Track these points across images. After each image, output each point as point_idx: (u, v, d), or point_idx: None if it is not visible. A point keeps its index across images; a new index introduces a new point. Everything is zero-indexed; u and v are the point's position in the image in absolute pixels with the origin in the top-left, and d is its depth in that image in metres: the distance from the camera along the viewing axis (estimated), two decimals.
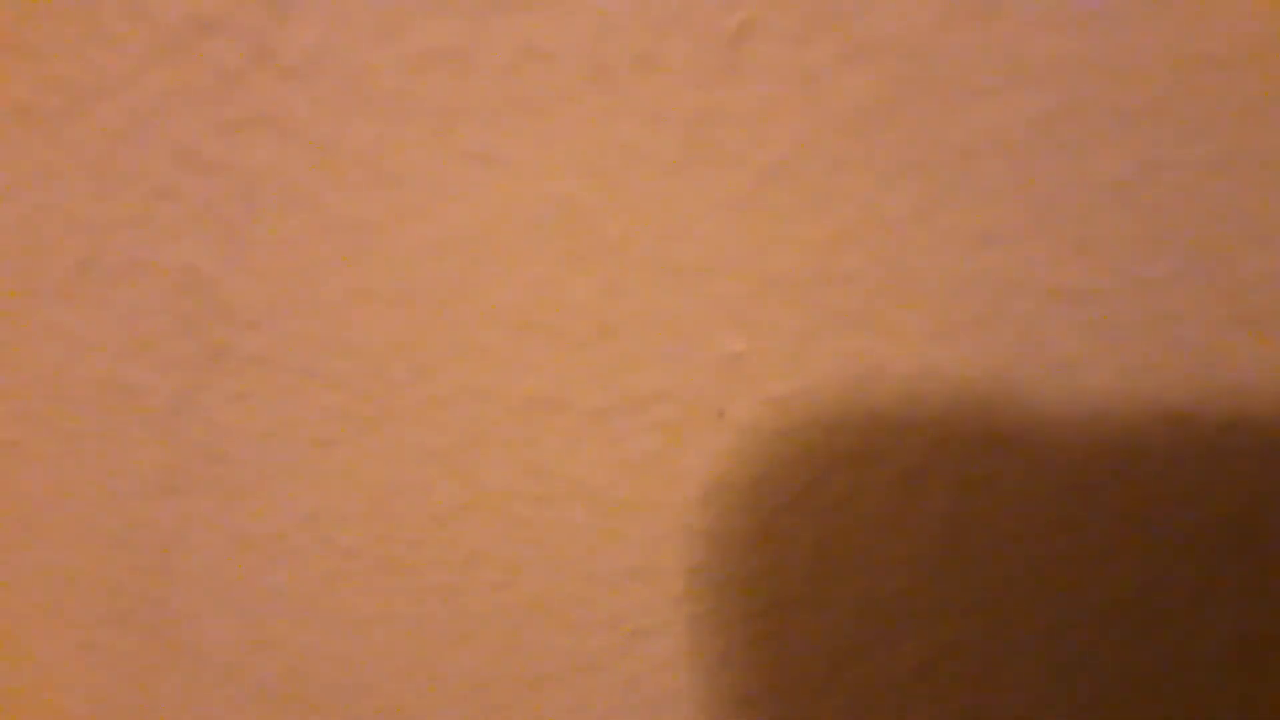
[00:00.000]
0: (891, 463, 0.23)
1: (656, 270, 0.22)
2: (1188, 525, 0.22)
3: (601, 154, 0.21)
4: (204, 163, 0.23)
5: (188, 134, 0.23)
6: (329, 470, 0.26)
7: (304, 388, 0.25)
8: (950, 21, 0.19)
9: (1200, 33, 0.18)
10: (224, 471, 0.27)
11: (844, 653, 0.25)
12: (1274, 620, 0.22)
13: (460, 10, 0.20)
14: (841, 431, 0.23)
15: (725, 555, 0.25)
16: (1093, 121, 0.19)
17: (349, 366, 0.25)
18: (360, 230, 0.23)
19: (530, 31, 0.20)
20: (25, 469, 0.28)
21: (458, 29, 0.21)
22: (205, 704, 0.31)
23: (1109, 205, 0.20)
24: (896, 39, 0.19)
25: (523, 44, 0.20)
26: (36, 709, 0.32)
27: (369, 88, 0.22)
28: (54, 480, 0.28)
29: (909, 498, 0.23)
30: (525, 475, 0.25)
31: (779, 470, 0.23)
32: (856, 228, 0.21)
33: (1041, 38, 0.19)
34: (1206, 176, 0.19)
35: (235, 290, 0.24)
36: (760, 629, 0.25)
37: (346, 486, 0.26)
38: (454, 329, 0.24)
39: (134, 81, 0.23)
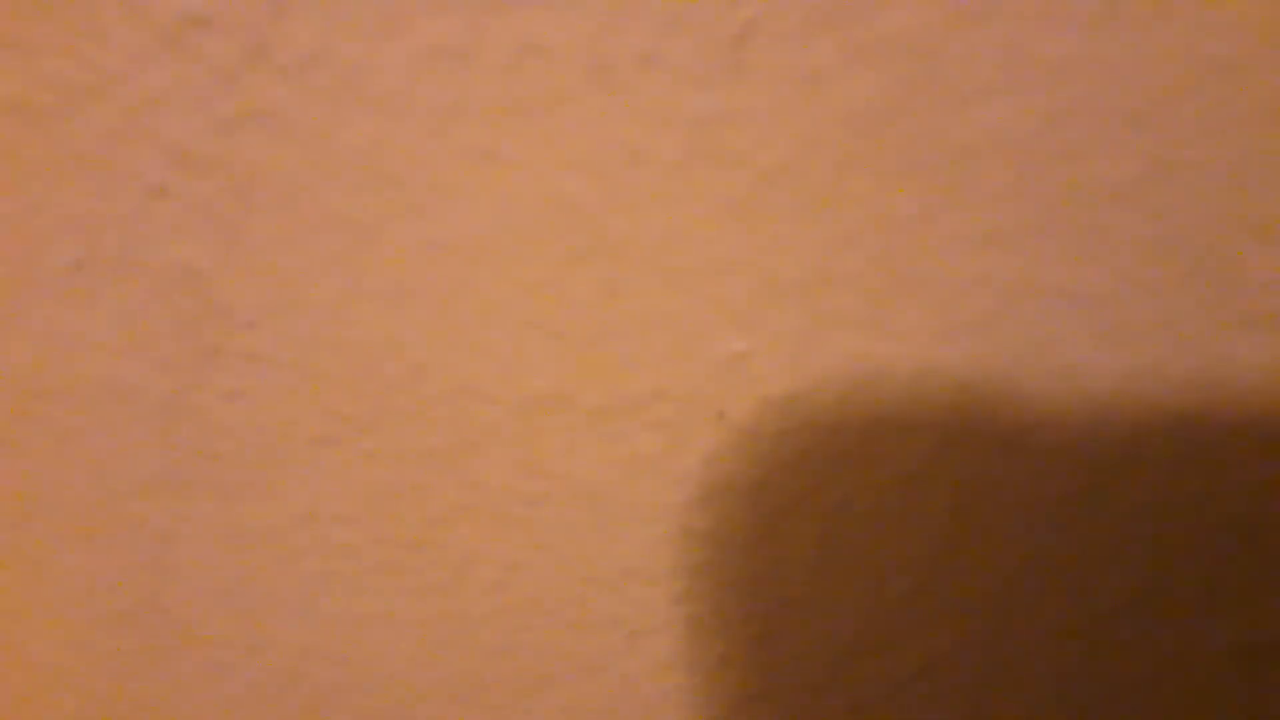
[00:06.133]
0: (893, 465, 0.23)
1: (657, 270, 0.22)
2: (1192, 528, 0.22)
3: (603, 153, 0.21)
4: (200, 161, 0.23)
5: (183, 132, 0.23)
6: (325, 469, 0.26)
7: (300, 386, 0.25)
8: (954, 22, 0.19)
9: (1206, 33, 0.18)
10: (219, 471, 0.27)
11: (844, 655, 0.25)
12: (1277, 623, 0.22)
13: (460, 7, 0.20)
14: (843, 433, 0.23)
15: (725, 556, 0.25)
16: (1098, 122, 0.19)
17: (346, 365, 0.24)
18: (357, 229, 0.23)
19: (531, 29, 0.20)
20: (19, 468, 0.28)
21: (458, 26, 0.20)
22: (200, 704, 0.30)
23: (1114, 207, 0.19)
24: (900, 39, 0.19)
25: (523, 42, 0.20)
26: (30, 708, 0.32)
27: (367, 85, 0.21)
28: (49, 479, 0.28)
29: (911, 500, 0.23)
30: (523, 475, 0.25)
31: (780, 471, 0.23)
32: (859, 229, 0.21)
33: (1046, 38, 0.19)
34: (1213, 178, 0.19)
35: (231, 289, 0.24)
36: (760, 631, 0.25)
37: (343, 486, 0.26)
38: (452, 328, 0.23)
39: (129, 79, 0.23)
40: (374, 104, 0.22)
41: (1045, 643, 0.24)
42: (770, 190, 0.21)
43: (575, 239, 0.22)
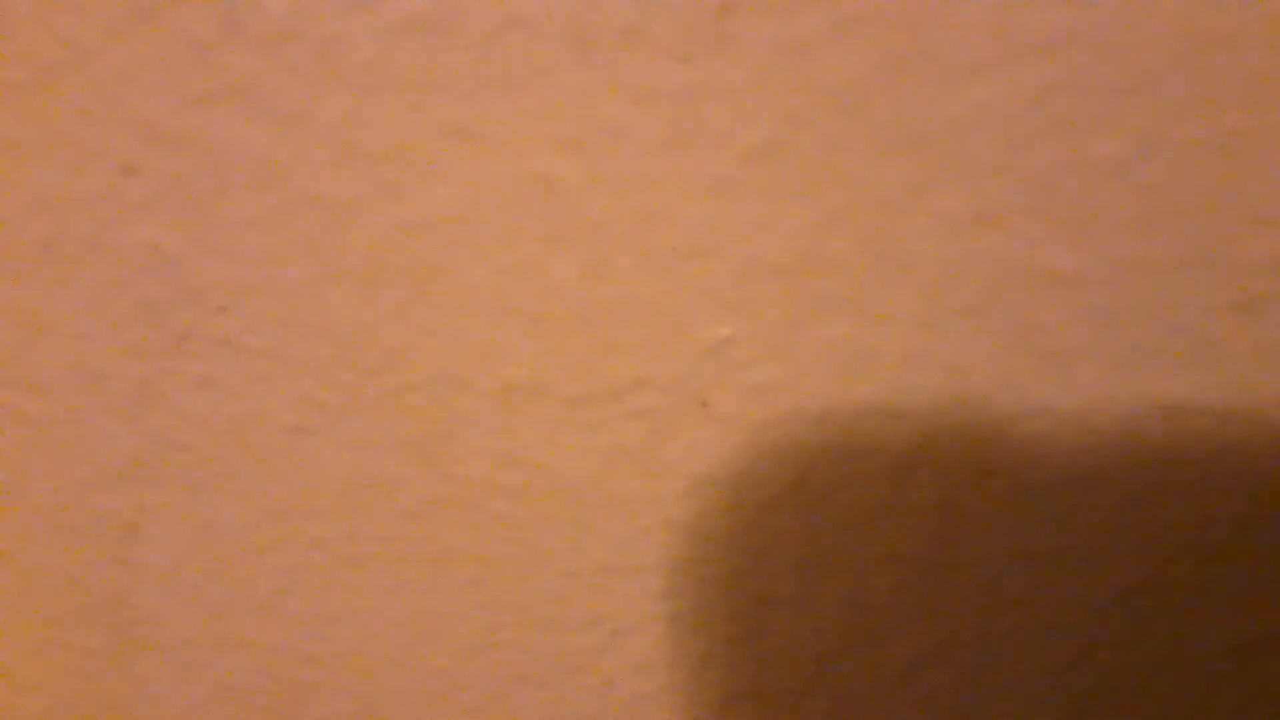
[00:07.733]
0: (880, 455, 0.22)
1: (639, 252, 0.21)
2: (1184, 519, 0.21)
3: (583, 130, 0.20)
4: (172, 138, 0.22)
5: (155, 108, 0.22)
6: (298, 460, 0.25)
7: (273, 374, 0.24)
8: None
9: (1199, 6, 0.18)
10: (189, 461, 0.26)
11: (830, 652, 0.24)
12: (1272, 618, 0.22)
13: None
14: (828, 422, 0.22)
15: (708, 551, 0.24)
16: (1089, 98, 0.19)
17: (319, 351, 0.24)
18: (332, 209, 0.22)
19: (512, 0, 0.20)
20: None
21: None
22: (168, 703, 0.30)
23: (1105, 185, 0.19)
24: (887, 12, 0.19)
25: (504, 13, 0.20)
26: None
27: (342, 59, 0.21)
28: (13, 470, 0.27)
29: (898, 491, 0.22)
30: (501, 466, 0.24)
31: (764, 462, 0.23)
32: (845, 209, 0.20)
33: (1037, 11, 0.18)
34: (1206, 156, 0.19)
35: (203, 272, 0.24)
36: (744, 627, 0.25)
37: (316, 477, 0.25)
38: (429, 313, 0.23)
39: (101, 53, 0.22)
40: (349, 79, 0.21)
41: (1035, 639, 0.23)
42: (754, 169, 0.20)
43: (554, 220, 0.21)
